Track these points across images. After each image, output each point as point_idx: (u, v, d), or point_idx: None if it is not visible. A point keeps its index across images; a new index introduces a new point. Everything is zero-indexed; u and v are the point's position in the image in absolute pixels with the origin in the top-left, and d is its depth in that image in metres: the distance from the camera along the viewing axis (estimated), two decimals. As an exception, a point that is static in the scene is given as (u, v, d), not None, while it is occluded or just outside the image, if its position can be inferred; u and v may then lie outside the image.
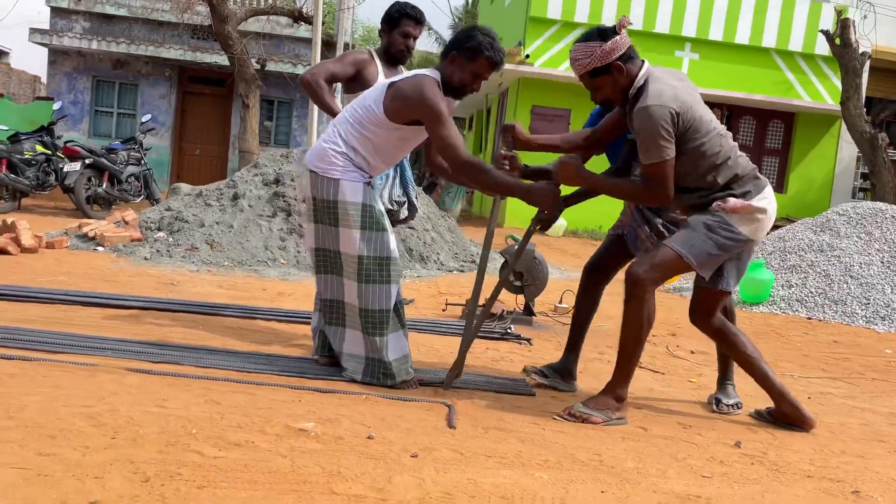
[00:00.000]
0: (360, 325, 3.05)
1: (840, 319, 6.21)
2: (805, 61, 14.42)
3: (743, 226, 2.83)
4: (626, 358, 2.87)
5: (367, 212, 3.03)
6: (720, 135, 2.86)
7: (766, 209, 2.86)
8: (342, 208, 3.00)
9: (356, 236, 3.00)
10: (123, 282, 5.15)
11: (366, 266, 3.01)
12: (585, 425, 2.78)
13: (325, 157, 3.03)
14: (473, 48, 2.98)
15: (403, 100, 2.94)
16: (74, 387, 2.62)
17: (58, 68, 15.59)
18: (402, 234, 7.32)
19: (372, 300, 3.02)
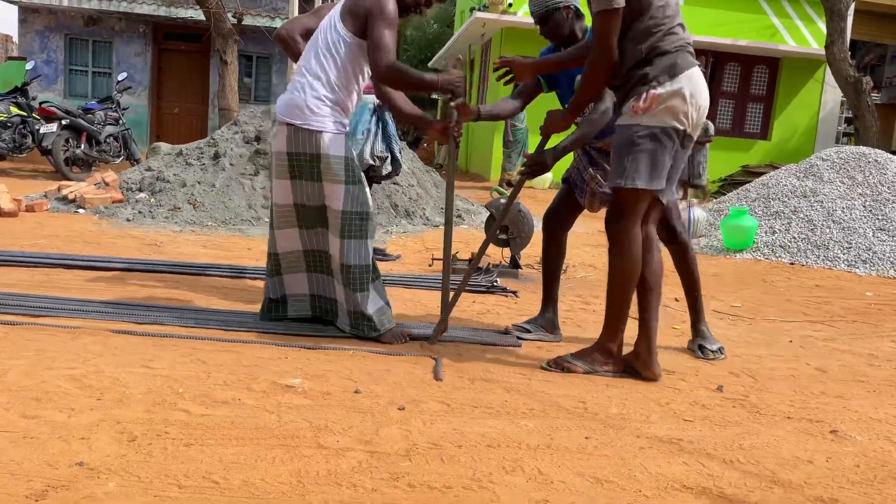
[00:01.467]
0: (342, 280, 3.05)
1: (822, 264, 6.28)
2: (790, 4, 14.26)
3: (658, 118, 2.65)
4: (611, 311, 2.82)
5: (350, 165, 3.00)
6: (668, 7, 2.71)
7: (673, 92, 2.63)
8: (325, 161, 2.96)
9: (340, 191, 2.97)
10: (106, 244, 5.11)
11: (348, 221, 2.99)
12: (572, 375, 2.81)
13: (303, 105, 2.95)
14: None
15: (358, 4, 2.90)
16: (58, 349, 2.61)
17: (29, 27, 15.17)
18: (387, 190, 7.28)
19: (354, 255, 3.01)
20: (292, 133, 2.97)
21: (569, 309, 4.04)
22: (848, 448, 2.26)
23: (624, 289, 2.78)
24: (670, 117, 2.65)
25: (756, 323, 4.08)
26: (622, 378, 2.82)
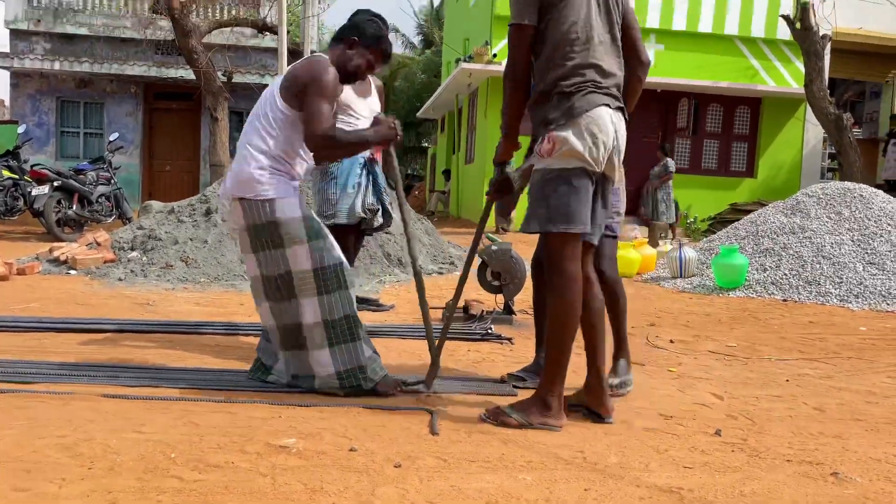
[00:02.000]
0: (327, 340, 2.99)
1: (815, 300, 6.30)
2: (768, 47, 14.62)
3: (563, 161, 2.61)
4: (548, 359, 2.70)
5: (308, 223, 2.99)
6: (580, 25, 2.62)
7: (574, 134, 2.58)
8: (284, 227, 2.94)
9: (305, 251, 2.96)
10: (98, 305, 5.09)
11: (322, 277, 2.97)
12: (568, 421, 2.78)
13: (250, 179, 2.95)
14: (377, 37, 3.04)
15: (296, 80, 2.93)
16: (50, 417, 2.58)
17: (20, 91, 15.38)
18: (379, 240, 7.31)
19: (336, 309, 2.99)
20: (247, 207, 2.97)
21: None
22: (849, 491, 2.24)
23: (558, 335, 2.66)
24: (575, 160, 2.61)
25: (752, 362, 4.07)
26: (619, 423, 2.80)
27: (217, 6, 15.01)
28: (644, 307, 5.96)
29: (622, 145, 2.73)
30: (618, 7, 2.77)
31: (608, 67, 2.68)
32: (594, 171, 2.65)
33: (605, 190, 2.77)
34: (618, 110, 2.72)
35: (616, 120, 2.69)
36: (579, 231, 2.65)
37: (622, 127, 2.73)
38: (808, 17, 11.71)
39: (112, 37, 15.20)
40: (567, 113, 2.61)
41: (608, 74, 2.67)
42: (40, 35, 15.28)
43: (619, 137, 2.70)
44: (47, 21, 15.18)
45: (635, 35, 2.85)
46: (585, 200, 2.65)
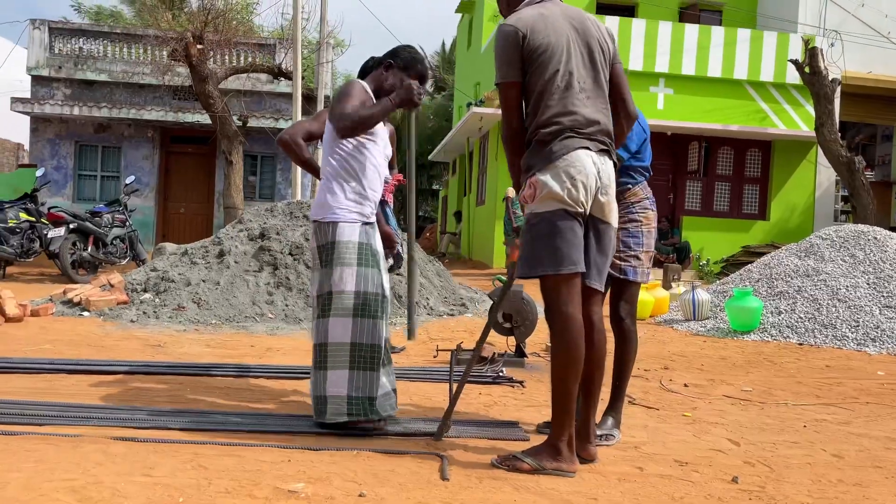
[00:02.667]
0: (349, 362, 3.04)
1: (831, 343, 6.22)
2: (777, 90, 14.73)
3: (545, 204, 2.65)
4: (554, 405, 2.66)
5: (364, 249, 3.12)
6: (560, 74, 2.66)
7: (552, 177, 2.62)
8: (338, 247, 3.09)
9: (351, 273, 3.07)
10: (110, 346, 5.10)
11: (362, 301, 3.06)
12: (584, 469, 2.73)
13: (322, 203, 3.16)
14: (409, 59, 3.27)
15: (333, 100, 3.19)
16: (58, 460, 2.57)
17: (40, 135, 15.68)
18: (390, 282, 7.31)
19: (365, 335, 3.05)
20: (316, 228, 3.17)
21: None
22: (872, 540, 2.17)
23: (560, 380, 2.63)
24: (555, 202, 2.63)
25: (768, 407, 4.01)
26: (633, 469, 2.75)
27: (234, 53, 15.36)
28: (658, 350, 5.90)
29: (610, 185, 2.73)
30: (604, 56, 2.79)
31: (589, 115, 2.69)
32: (577, 212, 2.65)
33: (600, 232, 2.75)
34: (602, 153, 2.73)
35: (599, 161, 2.69)
36: (569, 272, 2.64)
37: (608, 168, 2.73)
38: (817, 61, 11.81)
39: (130, 83, 15.54)
40: (545, 158, 2.65)
41: (590, 121, 2.69)
42: (61, 81, 15.65)
43: (604, 177, 2.70)
44: (68, 68, 15.56)
45: (622, 88, 2.86)
46: (572, 241, 2.64)
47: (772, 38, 14.50)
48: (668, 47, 14.25)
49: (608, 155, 2.76)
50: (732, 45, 14.42)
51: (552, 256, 2.63)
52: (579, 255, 2.66)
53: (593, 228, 2.74)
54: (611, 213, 2.76)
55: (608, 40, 2.83)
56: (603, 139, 2.74)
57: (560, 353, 2.65)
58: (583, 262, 2.68)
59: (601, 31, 2.83)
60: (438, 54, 30.12)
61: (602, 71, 2.78)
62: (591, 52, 2.76)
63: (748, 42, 14.45)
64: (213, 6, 12.29)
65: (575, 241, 2.65)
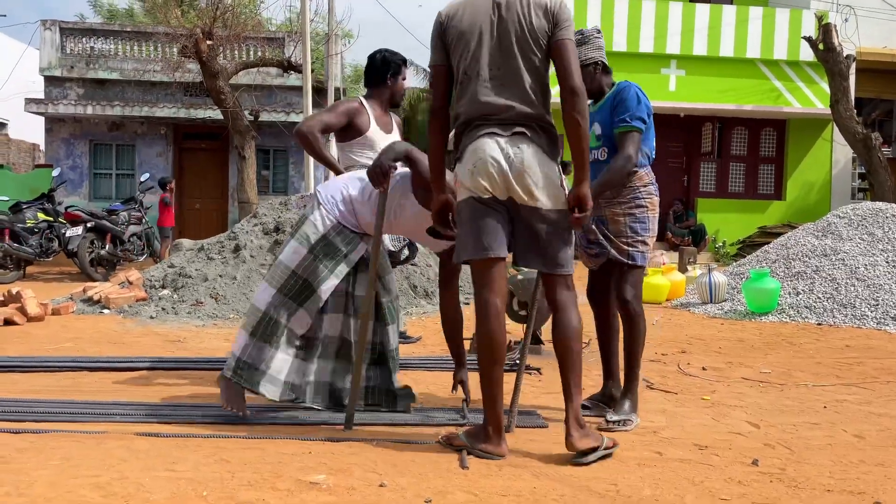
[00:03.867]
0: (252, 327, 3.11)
1: (850, 323, 6.17)
2: (791, 68, 14.53)
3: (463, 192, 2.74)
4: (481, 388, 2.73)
5: (323, 242, 3.10)
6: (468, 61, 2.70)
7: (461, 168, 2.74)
8: (305, 223, 3.14)
9: (300, 253, 3.09)
10: (130, 343, 5.16)
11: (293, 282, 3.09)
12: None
13: (328, 184, 3.27)
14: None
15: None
16: (83, 456, 2.61)
17: (55, 135, 15.81)
18: (405, 272, 7.34)
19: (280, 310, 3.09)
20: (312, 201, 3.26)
21: (594, 385, 3.98)
22: (894, 520, 2.17)
23: (480, 363, 2.69)
24: (466, 190, 2.73)
25: (787, 389, 3.99)
26: (652, 454, 2.75)
27: (243, 47, 15.37)
28: (675, 334, 5.88)
29: (528, 168, 2.65)
30: (528, 36, 2.66)
31: (499, 101, 2.68)
32: (484, 198, 2.68)
33: (529, 216, 2.69)
34: (517, 137, 2.67)
35: (509, 146, 2.66)
36: (483, 258, 2.67)
37: (523, 153, 2.65)
38: (831, 37, 11.64)
39: (142, 81, 15.61)
40: (460, 149, 2.77)
41: (499, 108, 2.68)
42: (73, 81, 15.74)
43: (516, 161, 2.64)
44: (80, 67, 15.64)
45: (560, 62, 2.69)
46: (483, 228, 2.68)
47: (784, 15, 14.29)
48: (679, 28, 14.08)
49: (526, 138, 2.68)
50: (744, 23, 14.22)
51: (467, 243, 2.72)
52: (492, 240, 2.68)
53: (521, 213, 2.71)
54: (538, 197, 2.67)
55: (533, 19, 2.66)
56: (523, 122, 2.68)
57: (479, 339, 2.72)
58: (497, 247, 2.68)
59: (528, 7, 2.67)
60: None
61: (523, 52, 2.67)
62: (507, 35, 2.67)
63: (760, 20, 14.24)
64: (222, 2, 12.29)
65: (486, 227, 2.68)
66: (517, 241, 2.75)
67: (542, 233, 2.71)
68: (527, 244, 2.74)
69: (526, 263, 2.77)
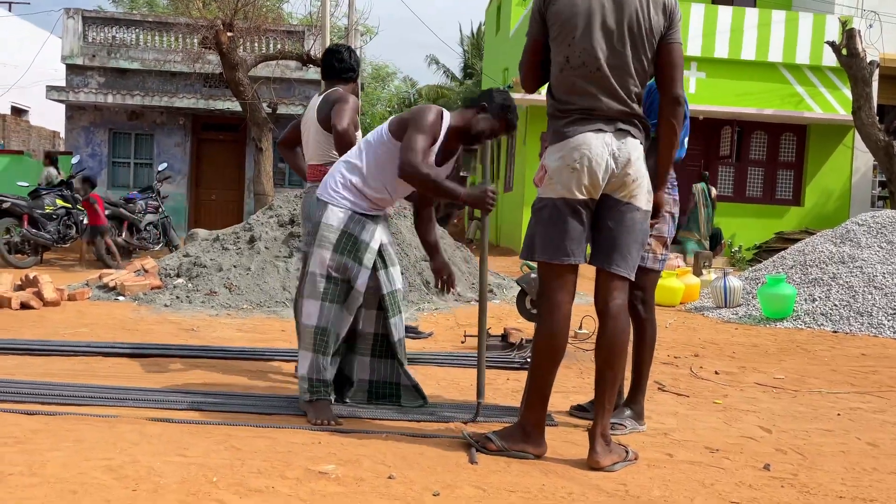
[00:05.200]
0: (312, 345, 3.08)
1: (867, 331, 6.10)
2: (813, 73, 14.38)
3: (550, 189, 2.62)
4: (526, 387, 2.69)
5: (345, 238, 3.07)
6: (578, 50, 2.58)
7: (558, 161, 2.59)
8: (321, 229, 3.09)
9: (327, 257, 3.06)
10: (144, 330, 5.20)
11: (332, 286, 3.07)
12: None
13: (327, 184, 3.17)
14: (503, 107, 3.13)
15: (403, 117, 3.12)
16: (96, 439, 2.63)
17: (75, 123, 15.95)
18: (417, 268, 7.34)
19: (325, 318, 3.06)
20: (318, 205, 3.18)
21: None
22: (907, 530, 2.14)
23: (535, 363, 2.63)
24: (560, 188, 2.58)
25: (801, 395, 3.95)
26: (662, 456, 2.73)
27: (263, 40, 15.43)
28: (688, 337, 5.84)
29: (631, 165, 2.59)
30: (641, 32, 2.59)
31: (606, 95, 2.58)
32: (579, 199, 2.57)
33: (621, 213, 2.62)
34: (621, 133, 2.60)
35: (615, 143, 2.58)
36: (562, 263, 2.60)
37: (628, 148, 2.59)
38: (855, 43, 11.52)
39: (162, 71, 15.71)
40: (555, 138, 2.64)
41: (608, 102, 2.59)
42: (94, 69, 15.87)
43: (621, 158, 2.58)
44: (101, 56, 15.76)
45: (668, 69, 2.67)
46: (569, 232, 2.58)
47: (808, 19, 14.14)
48: (701, 30, 13.98)
49: (629, 135, 2.63)
50: (767, 27, 14.09)
51: (547, 245, 2.62)
52: (575, 246, 2.60)
53: (613, 210, 2.63)
54: (635, 195, 2.63)
55: (653, 14, 2.60)
56: (625, 119, 2.62)
57: (540, 338, 2.65)
58: (579, 253, 2.61)
59: (648, 3, 2.60)
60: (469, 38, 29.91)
61: (634, 48, 2.59)
62: (621, 26, 2.57)
63: (783, 24, 14.11)
64: (243, -7, 12.34)
65: (573, 232, 2.59)
66: (599, 238, 2.66)
67: (627, 231, 2.64)
68: (609, 241, 2.64)
69: (602, 261, 2.66)
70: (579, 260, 2.63)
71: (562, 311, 2.62)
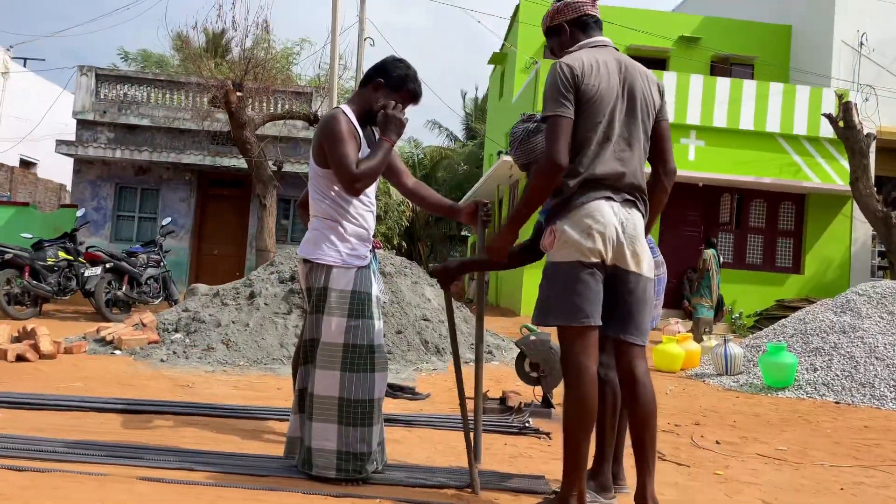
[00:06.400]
0: (337, 417, 2.94)
1: (869, 403, 6.03)
2: (811, 144, 14.62)
3: (562, 254, 2.64)
4: (564, 458, 2.61)
5: (356, 298, 3.00)
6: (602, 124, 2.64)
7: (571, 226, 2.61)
8: (330, 295, 2.99)
9: (341, 324, 2.97)
10: (139, 385, 5.15)
11: (351, 354, 2.96)
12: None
13: (316, 242, 3.05)
14: (400, 78, 3.05)
15: (317, 139, 3.02)
16: (83, 499, 2.58)
17: (82, 177, 16.14)
18: (417, 327, 7.31)
19: (354, 389, 2.95)
20: (308, 268, 3.07)
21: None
22: None
23: (571, 434, 2.58)
24: (574, 251, 2.60)
25: (803, 468, 3.88)
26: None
27: (271, 100, 15.76)
28: (689, 404, 5.77)
29: (637, 237, 2.67)
30: (647, 110, 2.76)
31: (619, 167, 2.67)
32: (593, 262, 2.60)
33: (631, 283, 2.66)
34: (628, 204, 2.69)
35: (623, 212, 2.66)
36: (581, 325, 2.59)
37: (633, 219, 2.68)
38: (851, 115, 11.74)
39: (171, 128, 16.00)
40: (565, 206, 2.65)
41: (618, 174, 2.67)
42: (104, 125, 16.15)
43: (629, 228, 2.65)
44: (112, 112, 16.06)
45: (664, 143, 2.85)
46: (586, 294, 2.59)
47: (805, 92, 14.46)
48: (700, 100, 14.28)
49: (635, 206, 2.73)
50: (765, 98, 14.40)
51: (565, 308, 2.61)
52: (593, 308, 2.60)
53: (623, 280, 2.67)
54: (641, 264, 2.69)
55: (655, 94, 2.81)
56: (631, 191, 2.72)
57: (571, 405, 2.60)
58: (598, 315, 2.61)
59: (649, 83, 2.80)
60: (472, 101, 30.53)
61: (642, 125, 2.75)
62: (634, 105, 2.73)
63: (780, 95, 14.42)
64: (254, 56, 12.67)
65: (589, 294, 2.60)
66: (613, 309, 2.67)
67: (638, 301, 2.68)
68: (623, 311, 2.67)
69: (621, 332, 2.67)
70: (598, 322, 2.62)
71: (590, 376, 2.59)
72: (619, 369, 2.75)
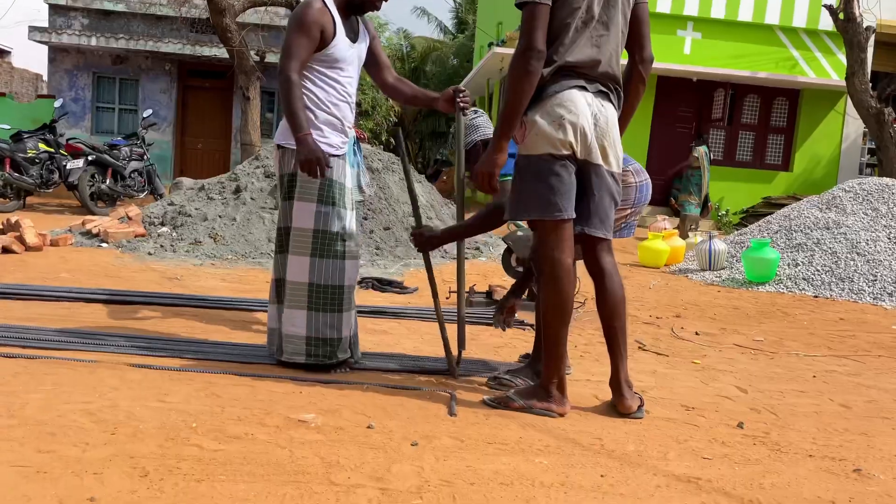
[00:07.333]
0: (307, 303, 2.98)
1: (847, 297, 6.18)
2: (809, 37, 14.24)
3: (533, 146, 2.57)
4: (545, 348, 2.67)
5: (325, 184, 2.97)
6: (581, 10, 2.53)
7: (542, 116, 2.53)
8: (299, 180, 2.97)
9: (311, 210, 2.97)
10: (127, 277, 5.17)
11: (321, 240, 2.97)
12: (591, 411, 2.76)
13: (287, 128, 2.99)
14: None
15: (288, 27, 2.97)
16: (76, 383, 2.63)
17: (58, 66, 15.60)
18: (405, 224, 7.32)
19: (325, 275, 2.98)
20: (280, 155, 3.04)
21: (587, 343, 4.01)
22: (872, 488, 2.19)
23: (548, 324, 2.62)
24: (545, 143, 2.54)
25: (778, 357, 4.01)
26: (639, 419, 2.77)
27: (252, -15, 15.03)
28: (670, 298, 5.89)
29: (609, 130, 2.61)
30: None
31: (594, 55, 2.58)
32: (564, 154, 2.54)
33: (599, 177, 2.61)
34: (601, 95, 2.62)
35: (596, 103, 2.59)
36: (555, 218, 2.57)
37: (606, 112, 2.62)
38: (852, 7, 11.38)
39: (148, 14, 15.33)
40: (537, 95, 2.56)
41: (593, 62, 2.58)
42: (78, 11, 15.46)
43: (601, 121, 2.59)
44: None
45: (642, 28, 2.75)
46: (558, 188, 2.54)
47: (807, -19, 13.94)
48: (698, -11, 13.76)
49: (608, 99, 2.65)
50: (765, -13, 13.89)
51: (538, 201, 2.57)
52: (566, 201, 2.57)
53: (589, 174, 2.62)
54: (609, 158, 2.64)
55: None
56: (605, 81, 2.63)
57: (548, 297, 2.62)
58: (571, 208, 2.59)
59: None
60: (460, -9, 29.27)
61: (622, 7, 2.64)
62: None
63: (782, -15, 13.91)
64: (232, -64, 11.97)
65: (562, 187, 2.55)
66: (582, 202, 2.63)
67: (606, 195, 2.65)
68: (591, 206, 2.63)
69: (584, 226, 2.64)
70: (571, 215, 2.60)
71: (565, 268, 2.60)
72: (585, 262, 2.76)
